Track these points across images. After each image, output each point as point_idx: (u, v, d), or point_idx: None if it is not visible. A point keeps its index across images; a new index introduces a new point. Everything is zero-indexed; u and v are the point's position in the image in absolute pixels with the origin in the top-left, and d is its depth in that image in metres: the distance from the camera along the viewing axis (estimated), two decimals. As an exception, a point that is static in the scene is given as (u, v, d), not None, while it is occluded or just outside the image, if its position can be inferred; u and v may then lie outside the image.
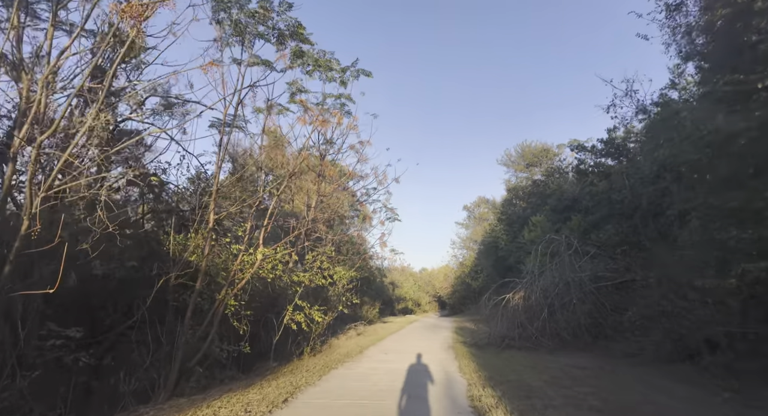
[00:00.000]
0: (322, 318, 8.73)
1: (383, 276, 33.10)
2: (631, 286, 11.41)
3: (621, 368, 6.99)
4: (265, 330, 9.17)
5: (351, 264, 15.72)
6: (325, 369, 7.36)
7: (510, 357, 8.98)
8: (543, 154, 22.72)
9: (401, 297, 38.63)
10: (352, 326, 15.62)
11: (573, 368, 7.11)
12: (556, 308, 9.85)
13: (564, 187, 19.85)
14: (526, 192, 22.54)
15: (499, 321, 10.90)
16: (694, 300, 6.57)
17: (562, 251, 10.72)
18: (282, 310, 8.87)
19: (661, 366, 6.96)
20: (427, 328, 18.07)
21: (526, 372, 7.02)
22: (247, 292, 7.11)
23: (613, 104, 12.44)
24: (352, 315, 19.01)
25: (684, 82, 11.62)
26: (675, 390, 5.58)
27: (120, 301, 5.88)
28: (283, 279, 8.28)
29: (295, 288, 8.98)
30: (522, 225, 22.21)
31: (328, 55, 7.43)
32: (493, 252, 26.21)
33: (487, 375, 6.66)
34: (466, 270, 35.69)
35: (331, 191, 10.38)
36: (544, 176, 21.80)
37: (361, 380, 6.39)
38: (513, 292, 11.05)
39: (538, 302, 10.23)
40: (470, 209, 42.71)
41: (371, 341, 12.26)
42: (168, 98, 7.26)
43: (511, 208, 24.40)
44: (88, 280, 5.16)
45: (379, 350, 10.34)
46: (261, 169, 7.29)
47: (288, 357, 9.41)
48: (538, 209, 20.57)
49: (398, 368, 7.37)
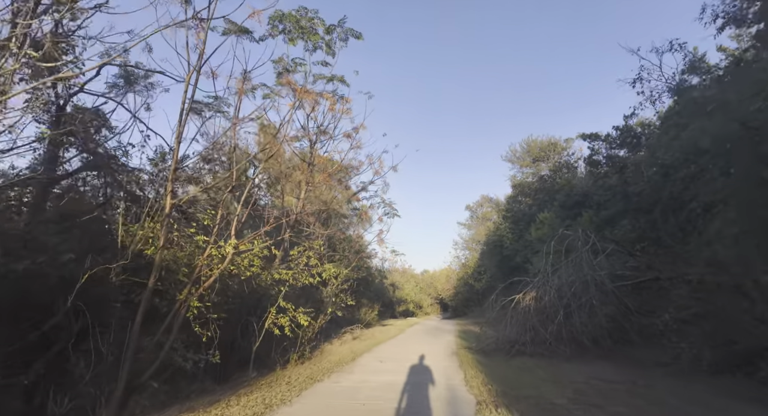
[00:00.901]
0: (309, 322, 7.69)
1: (383, 277, 32.03)
2: (651, 286, 10.36)
3: (656, 381, 5.91)
4: (245, 335, 8.14)
5: (347, 263, 14.72)
6: (309, 382, 6.31)
7: (522, 365, 7.91)
8: (550, 148, 21.61)
9: (402, 299, 37.54)
10: (348, 329, 14.55)
11: (599, 381, 6.04)
12: (572, 310, 8.77)
13: (573, 181, 18.79)
14: (533, 188, 21.46)
15: (508, 325, 9.82)
16: (753, 300, 5.50)
17: (579, 247, 9.64)
18: (265, 313, 7.85)
19: (704, 379, 5.87)
20: (428, 332, 16.99)
21: (544, 385, 5.96)
22: (216, 292, 6.07)
23: (639, 78, 11.03)
24: (348, 317, 17.96)
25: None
26: (733, 411, 4.51)
27: (54, 303, 4.86)
28: (262, 277, 7.25)
29: (279, 288, 7.94)
30: (528, 222, 21.14)
31: (311, 13, 6.42)
32: (497, 252, 25.13)
33: (498, 390, 5.60)
34: (469, 271, 34.62)
35: (321, 180, 9.37)
36: (551, 171, 20.72)
37: (348, 397, 5.35)
38: (523, 293, 9.98)
39: (552, 303, 9.15)
40: (473, 209, 41.64)
41: (367, 346, 11.20)
42: (126, 67, 6.26)
43: (516, 205, 23.31)
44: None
45: (374, 357, 9.28)
46: (235, 149, 6.31)
47: (272, 365, 8.38)
48: (545, 206, 19.49)
49: (393, 381, 6.32)
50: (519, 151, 24.97)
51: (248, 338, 7.92)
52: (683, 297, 7.97)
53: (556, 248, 10.30)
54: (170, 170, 5.24)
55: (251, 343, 7.79)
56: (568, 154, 21.24)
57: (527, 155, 24.28)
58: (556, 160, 21.31)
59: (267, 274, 7.13)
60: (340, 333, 13.88)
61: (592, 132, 13.62)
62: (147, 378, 5.15)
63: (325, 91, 10.07)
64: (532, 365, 7.91)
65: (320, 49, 7.76)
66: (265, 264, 7.41)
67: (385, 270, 36.16)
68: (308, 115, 9.81)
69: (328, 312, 11.76)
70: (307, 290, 12.70)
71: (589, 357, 8.27)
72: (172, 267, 5.58)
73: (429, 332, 16.80)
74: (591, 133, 13.59)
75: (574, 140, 22.00)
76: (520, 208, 22.72)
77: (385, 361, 8.58)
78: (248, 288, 7.32)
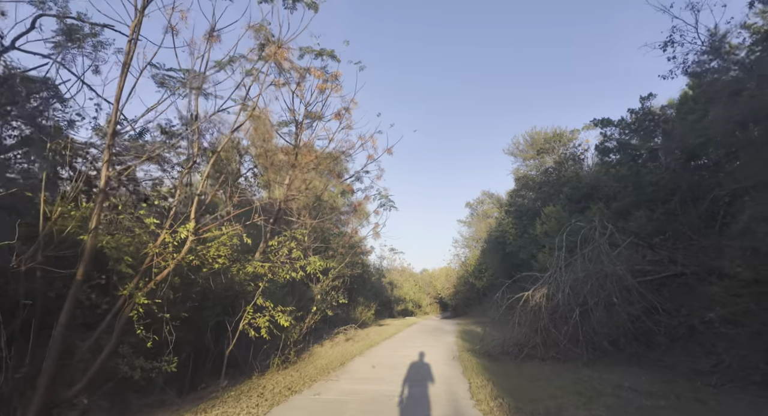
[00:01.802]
0: (292, 322, 6.68)
1: (381, 275, 31.03)
2: (672, 282, 9.38)
3: (703, 394, 4.90)
4: (220, 338, 7.14)
5: (341, 259, 13.72)
6: (285, 394, 5.31)
7: (535, 372, 6.91)
8: (555, 138, 20.56)
9: (401, 298, 36.56)
10: (341, 330, 13.55)
11: (633, 392, 5.04)
12: (589, 308, 7.78)
13: (581, 173, 17.79)
14: (537, 181, 20.44)
15: (516, 325, 8.83)
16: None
17: (596, 237, 8.64)
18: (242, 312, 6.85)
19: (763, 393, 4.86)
20: (427, 332, 15.99)
21: (566, 397, 4.96)
22: (173, 287, 5.06)
23: (670, 40, 9.64)
24: (344, 317, 16.96)
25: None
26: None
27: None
28: (234, 271, 6.24)
29: (257, 284, 6.93)
30: (533, 217, 20.14)
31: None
32: (500, 249, 24.10)
33: (512, 405, 4.61)
34: (470, 269, 33.60)
35: (308, 161, 8.35)
36: (557, 164, 19.70)
37: (329, 414, 4.35)
38: (533, 290, 8.98)
39: (566, 301, 8.16)
40: (473, 206, 40.57)
41: (360, 349, 10.20)
42: (65, 19, 5.23)
43: (519, 200, 22.29)
44: None
45: (367, 361, 8.28)
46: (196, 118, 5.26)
47: (249, 371, 7.38)
48: (551, 199, 18.49)
49: (386, 393, 5.32)
50: (522, 143, 23.95)
51: (223, 341, 6.92)
52: (719, 294, 6.99)
53: (568, 241, 9.30)
54: (108, 135, 4.23)
55: (223, 347, 6.80)
56: (574, 145, 20.22)
57: (531, 147, 23.24)
58: (562, 152, 20.29)
59: (238, 268, 6.11)
60: (333, 334, 12.88)
61: (605, 118, 12.61)
62: (77, 392, 4.14)
63: (313, 67, 9.05)
64: (546, 371, 6.92)
65: (301, 1, 6.73)
66: (238, 256, 6.40)
67: (384, 268, 35.22)
68: (293, 92, 8.79)
69: (314, 310, 10.80)
70: (297, 287, 11.72)
71: (609, 362, 7.28)
72: (114, 255, 4.56)
73: (428, 332, 15.80)
74: (603, 118, 12.58)
75: (581, 131, 21.02)
76: (524, 202, 21.70)
77: (379, 366, 7.58)
78: (219, 283, 6.32)
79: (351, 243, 14.03)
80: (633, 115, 11.69)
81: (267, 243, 6.97)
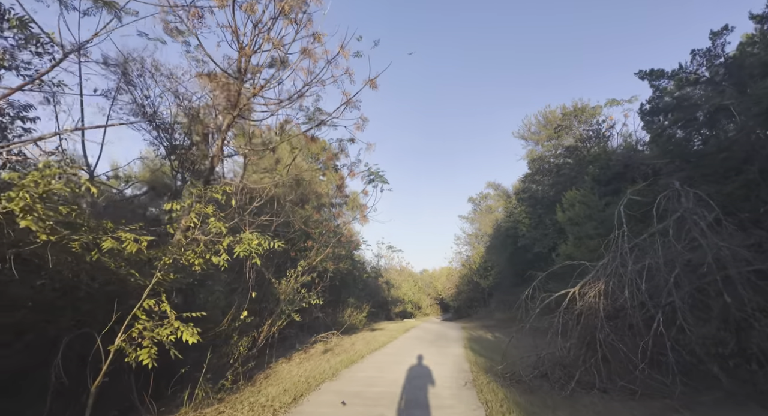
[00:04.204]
0: (196, 337, 3.90)
1: (378, 274, 28.23)
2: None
3: None
4: (78, 363, 4.38)
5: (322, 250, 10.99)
6: None
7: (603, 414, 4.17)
8: (578, 113, 17.74)
9: (399, 299, 33.77)
10: (319, 338, 10.78)
11: None
12: (683, 311, 5.02)
13: (608, 151, 15.06)
14: (555, 164, 17.69)
15: (558, 336, 6.07)
16: None
17: (680, 206, 5.89)
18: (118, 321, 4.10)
19: None
20: (428, 339, 13.21)
21: None
22: None
23: None
24: (331, 320, 14.17)
25: None
26: None
27: None
28: (90, 247, 3.51)
29: (153, 273, 4.17)
30: (549, 205, 17.41)
31: None
32: (510, 243, 21.37)
33: None
34: (474, 267, 30.87)
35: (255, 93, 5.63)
36: (578, 142, 16.96)
37: None
38: (581, 284, 6.22)
39: (636, 300, 5.41)
40: (476, 201, 37.82)
41: (335, 367, 7.44)
42: None
43: (533, 186, 19.52)
44: None
45: (337, 390, 5.51)
46: None
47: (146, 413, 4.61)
48: (573, 183, 15.75)
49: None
50: (534, 124, 21.15)
51: (85, 369, 4.15)
52: None
53: (627, 213, 6.56)
54: None
55: (89, 378, 4.04)
56: (598, 122, 17.45)
57: (544, 129, 20.46)
58: (583, 130, 17.53)
59: (83, 240, 3.35)
60: (308, 344, 10.12)
61: (654, 69, 9.87)
62: None
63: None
64: (618, 414, 4.18)
65: None
66: (97, 224, 3.65)
67: (381, 267, 32.39)
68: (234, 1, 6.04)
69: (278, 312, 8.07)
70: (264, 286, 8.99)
71: (721, 399, 4.55)
72: None
73: (429, 340, 13.03)
74: (652, 69, 9.84)
75: (603, 107, 18.27)
76: (538, 188, 18.94)
77: (352, 404, 4.81)
78: (84, 269, 3.59)
79: (333, 230, 11.29)
80: (696, 59, 8.94)
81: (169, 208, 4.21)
